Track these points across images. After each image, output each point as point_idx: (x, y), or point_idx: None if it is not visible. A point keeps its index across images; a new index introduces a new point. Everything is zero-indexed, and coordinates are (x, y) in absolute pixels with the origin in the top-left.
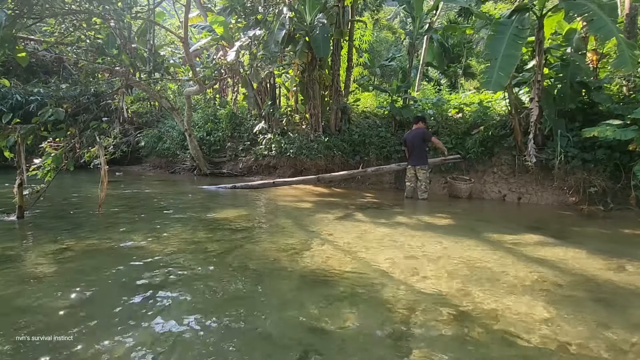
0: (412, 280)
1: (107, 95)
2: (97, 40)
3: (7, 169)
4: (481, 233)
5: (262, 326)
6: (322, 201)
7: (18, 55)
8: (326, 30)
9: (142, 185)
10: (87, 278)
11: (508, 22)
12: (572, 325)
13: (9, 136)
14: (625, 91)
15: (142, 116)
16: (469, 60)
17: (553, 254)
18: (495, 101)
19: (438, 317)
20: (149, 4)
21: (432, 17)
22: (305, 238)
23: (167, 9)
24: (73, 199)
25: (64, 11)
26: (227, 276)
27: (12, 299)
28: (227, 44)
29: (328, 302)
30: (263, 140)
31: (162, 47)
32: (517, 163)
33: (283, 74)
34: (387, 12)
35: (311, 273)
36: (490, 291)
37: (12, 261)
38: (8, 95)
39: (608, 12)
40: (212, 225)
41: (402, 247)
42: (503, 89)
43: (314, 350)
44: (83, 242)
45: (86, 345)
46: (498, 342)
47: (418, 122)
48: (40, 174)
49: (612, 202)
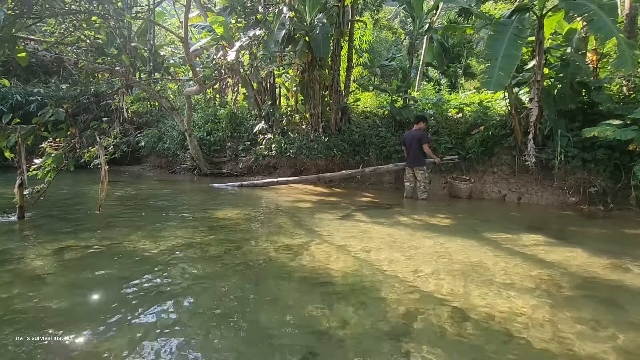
0: (412, 280)
1: (107, 95)
2: (97, 40)
3: (8, 169)
4: (481, 233)
5: (262, 326)
6: (322, 201)
7: (18, 55)
8: (326, 30)
9: (142, 185)
10: (87, 278)
11: (508, 22)
12: (572, 325)
13: (9, 136)
14: (625, 91)
15: (142, 116)
16: (469, 60)
17: (553, 254)
18: (495, 101)
19: (438, 317)
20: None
21: (432, 17)
22: (305, 238)
23: (167, 9)
24: (73, 199)
25: (64, 11)
26: (226, 276)
27: (12, 299)
28: (227, 44)
29: (328, 302)
30: (263, 140)
31: (162, 47)
32: (517, 163)
33: (283, 74)
34: (387, 12)
35: (311, 273)
36: (490, 291)
37: (13, 261)
38: (8, 95)
39: (608, 12)
40: (212, 225)
41: (402, 247)
42: (503, 88)
43: (314, 350)
44: (83, 242)
45: (86, 345)
46: (498, 342)
47: (418, 123)
48: (41, 174)
49: (612, 202)
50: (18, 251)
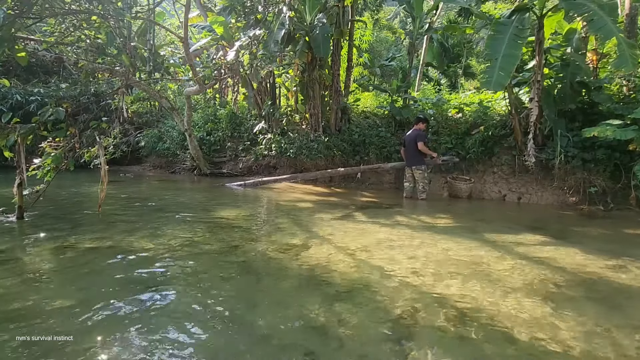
0: (412, 280)
1: (107, 95)
2: (97, 40)
3: (7, 169)
4: (481, 233)
5: (261, 326)
6: (322, 201)
7: (18, 55)
8: (326, 30)
9: (142, 185)
10: (87, 278)
11: (508, 22)
12: (572, 325)
13: (9, 136)
14: (625, 91)
15: (142, 116)
16: (469, 60)
17: (553, 254)
18: (495, 101)
19: (438, 317)
20: (149, 4)
21: (432, 17)
22: (305, 238)
23: (167, 9)
24: (73, 199)
25: (64, 11)
26: (226, 276)
27: (12, 299)
28: (227, 44)
29: (328, 302)
30: (263, 140)
31: (162, 47)
32: (517, 163)
33: (283, 74)
34: (387, 12)
35: (311, 273)
36: (490, 291)
37: (12, 261)
38: (8, 95)
39: (608, 12)
40: (212, 225)
41: (402, 247)
42: (503, 88)
43: (313, 350)
44: (83, 242)
45: (86, 345)
46: (498, 342)
47: (418, 123)
48: (40, 174)
49: (612, 202)
50: (17, 251)
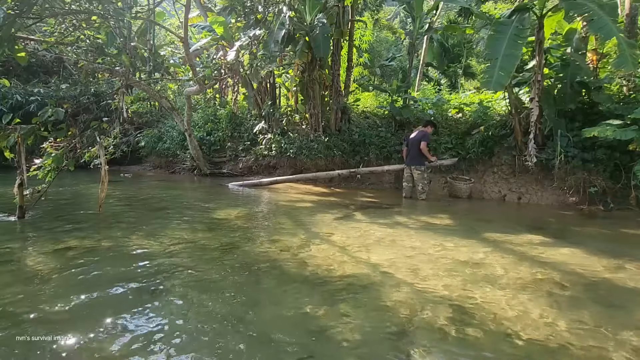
0: (412, 280)
1: (107, 95)
2: (97, 40)
3: (8, 169)
4: (481, 233)
5: (261, 326)
6: (322, 201)
7: (18, 55)
8: (326, 30)
9: (142, 185)
10: (88, 278)
11: (508, 22)
12: (572, 324)
13: (9, 136)
14: (625, 91)
15: (142, 116)
16: (469, 60)
17: (553, 254)
18: (495, 101)
19: (438, 316)
20: (149, 4)
21: (432, 17)
22: (305, 238)
23: (167, 9)
24: (73, 199)
25: (64, 11)
26: (226, 276)
27: (12, 299)
28: (227, 44)
29: (328, 302)
30: (263, 140)
31: (162, 47)
32: (517, 163)
33: (283, 74)
34: (387, 12)
35: (311, 273)
36: (490, 291)
37: (13, 261)
38: (8, 95)
39: (608, 12)
40: (211, 225)
41: (402, 247)
42: (503, 88)
43: (313, 350)
44: (83, 242)
45: (86, 345)
46: (498, 341)
47: (427, 126)
48: (41, 174)
49: (612, 202)
50: (18, 251)
